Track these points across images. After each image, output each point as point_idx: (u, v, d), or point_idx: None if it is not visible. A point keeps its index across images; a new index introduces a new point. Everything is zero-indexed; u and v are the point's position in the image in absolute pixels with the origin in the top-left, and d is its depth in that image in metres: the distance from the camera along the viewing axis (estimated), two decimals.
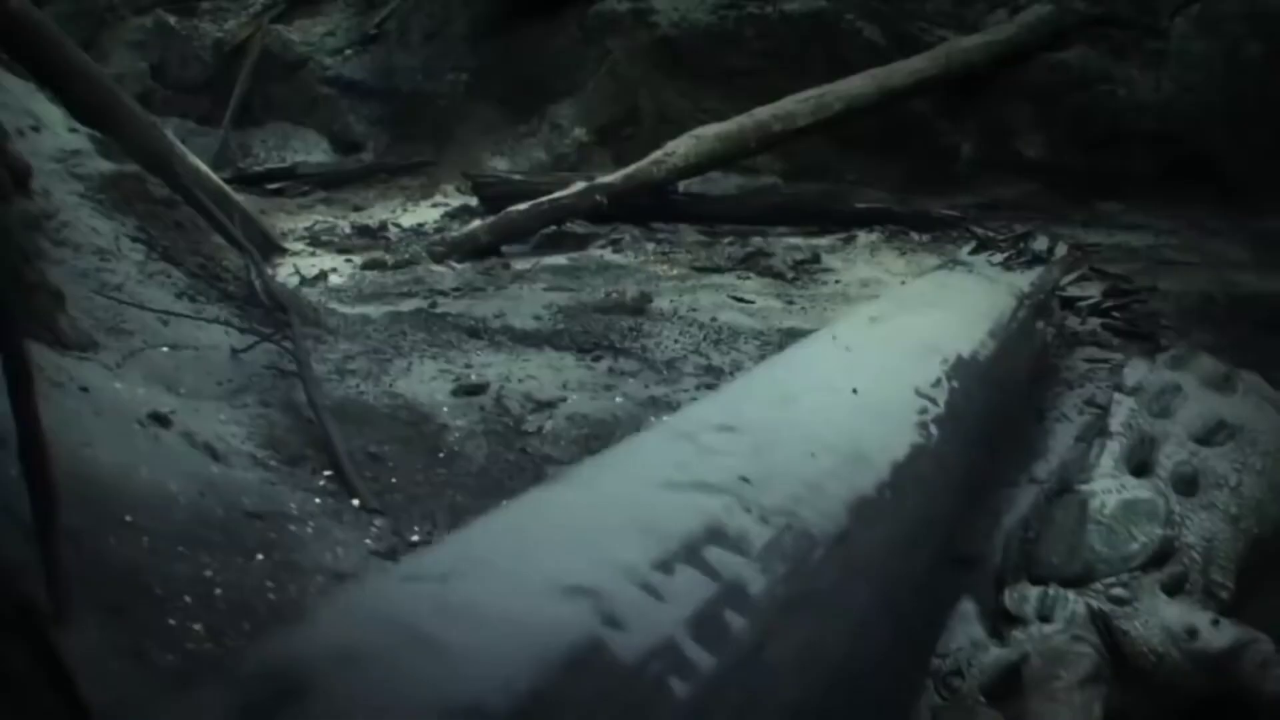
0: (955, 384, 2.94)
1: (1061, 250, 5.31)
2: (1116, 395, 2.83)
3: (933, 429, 2.64)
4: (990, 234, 6.09)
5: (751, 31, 8.21)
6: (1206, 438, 2.69)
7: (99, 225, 4.56)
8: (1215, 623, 2.43)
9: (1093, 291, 6.11)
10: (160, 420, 3.45)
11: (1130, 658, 2.44)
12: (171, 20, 8.69)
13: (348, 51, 8.78)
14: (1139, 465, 2.65)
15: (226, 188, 5.59)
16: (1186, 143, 8.14)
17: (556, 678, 1.35)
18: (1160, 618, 2.45)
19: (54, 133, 4.85)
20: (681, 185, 7.62)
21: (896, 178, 8.13)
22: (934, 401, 2.75)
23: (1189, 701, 2.48)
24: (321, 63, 8.76)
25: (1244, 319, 5.79)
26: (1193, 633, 2.42)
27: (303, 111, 8.76)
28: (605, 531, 1.75)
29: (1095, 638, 2.44)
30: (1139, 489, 2.61)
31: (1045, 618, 2.43)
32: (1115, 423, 2.77)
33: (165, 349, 4.14)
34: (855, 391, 2.58)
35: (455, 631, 1.38)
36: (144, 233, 4.62)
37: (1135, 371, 2.97)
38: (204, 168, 5.54)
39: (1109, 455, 2.71)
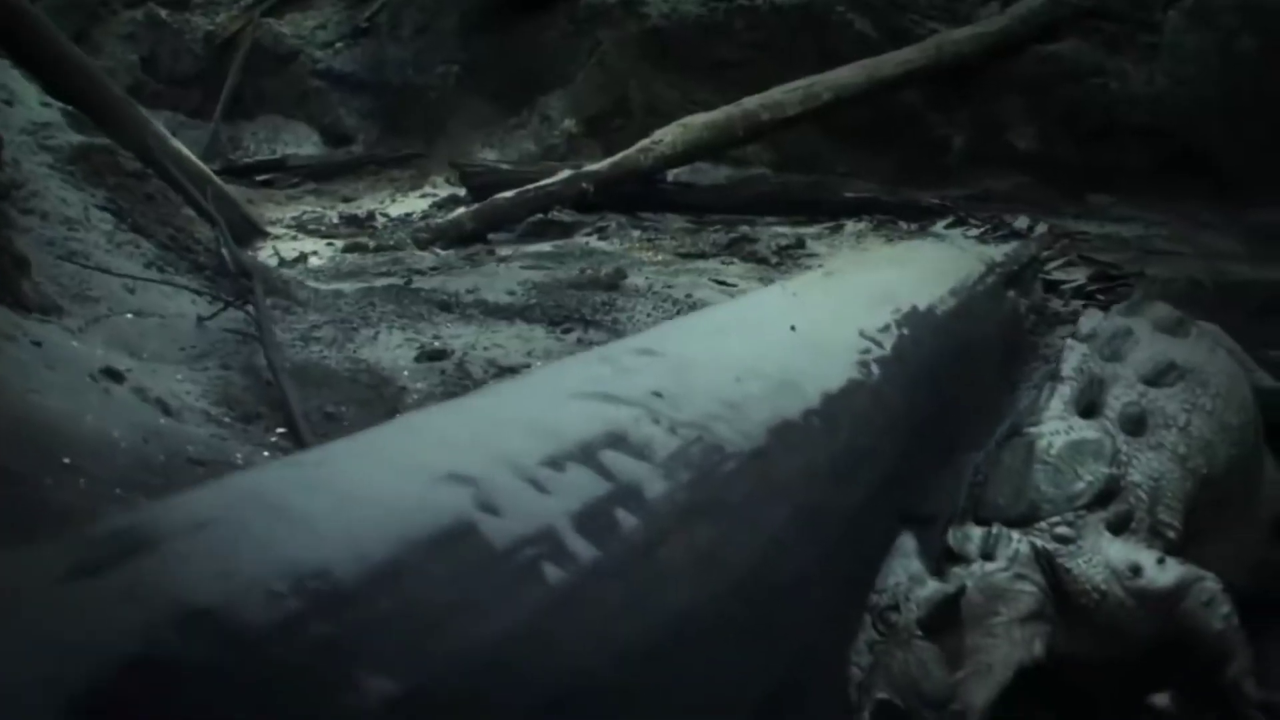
0: (905, 331, 2.90)
1: (1041, 229, 5.28)
2: (1069, 342, 2.79)
3: (874, 368, 2.60)
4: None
5: (741, 23, 8.20)
6: (1156, 379, 2.64)
7: (68, 196, 4.56)
8: (1160, 561, 2.38)
9: (1078, 276, 6.07)
10: (113, 375, 3.43)
11: (1073, 596, 2.38)
12: (163, 13, 8.71)
13: (339, 44, 8.79)
14: (1087, 407, 2.61)
15: (201, 165, 5.59)
16: (1179, 136, 8.09)
17: (417, 552, 1.33)
18: (1104, 556, 2.40)
19: (26, 106, 4.86)
20: (670, 175, 7.60)
21: (887, 170, 8.10)
22: (879, 344, 2.71)
23: (1134, 643, 2.43)
24: (312, 56, 8.77)
25: (1234, 305, 5.74)
26: (1137, 570, 2.37)
27: (293, 104, 8.77)
28: (499, 432, 1.73)
29: (1039, 576, 2.39)
30: (1086, 430, 2.56)
31: (988, 556, 2.38)
32: (1067, 368, 2.72)
33: (130, 316, 4.13)
34: (793, 328, 2.55)
35: (317, 505, 1.36)
36: (113, 204, 4.62)
37: (1090, 320, 2.92)
38: (178, 144, 5.54)
39: (1058, 399, 2.65)
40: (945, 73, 8.06)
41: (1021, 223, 5.18)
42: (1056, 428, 2.57)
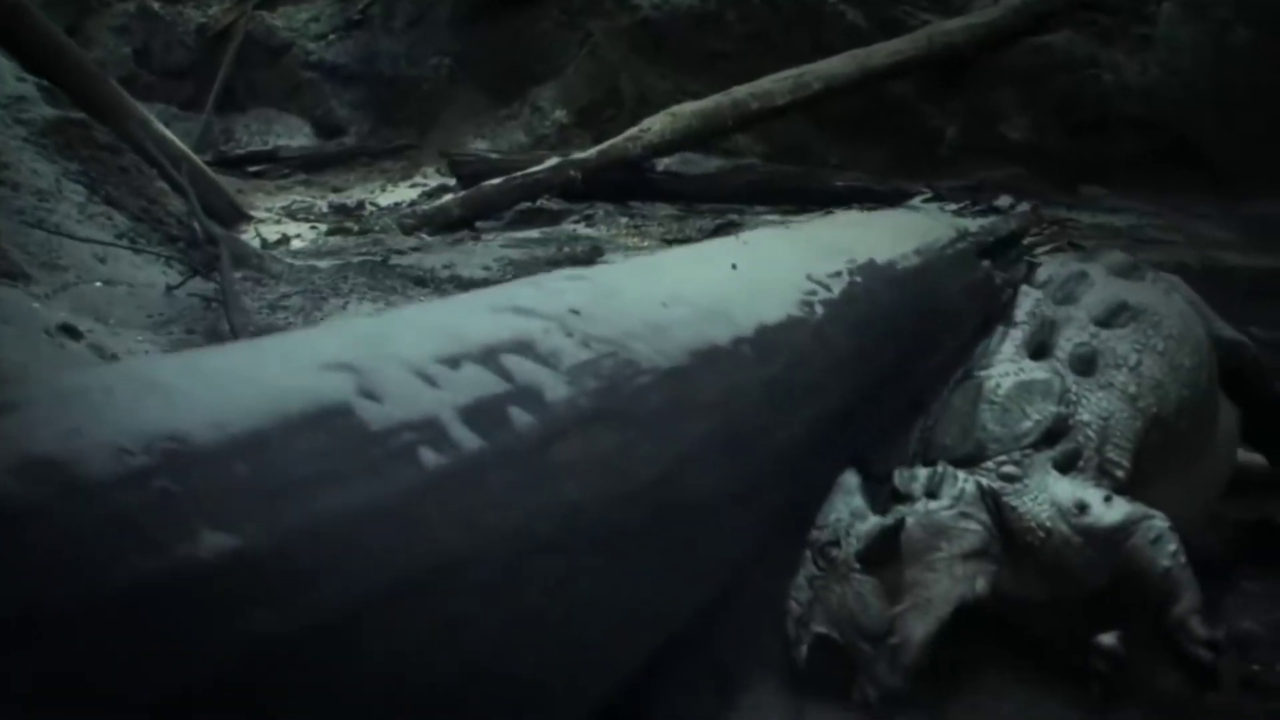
0: (858, 279, 2.84)
1: (1023, 207, 5.22)
2: (1024, 288, 2.75)
3: (819, 308, 2.55)
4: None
5: (734, 15, 8.18)
6: (1107, 319, 2.60)
7: (40, 168, 4.56)
8: (1108, 499, 2.33)
9: None
10: (70, 332, 3.40)
11: (1018, 534, 2.34)
12: (155, 6, 8.73)
13: (331, 37, 8.80)
14: (1038, 348, 2.57)
15: (180, 143, 5.58)
16: (1173, 127, 8.05)
17: (282, 426, 1.30)
18: (1050, 494, 2.35)
19: (2, 81, 4.86)
20: (661, 165, 7.57)
21: (879, 161, 8.06)
22: (827, 288, 2.66)
23: (1081, 581, 2.38)
24: (305, 48, 8.78)
25: (1221, 287, 5.71)
26: (1083, 508, 2.32)
27: (286, 97, 8.77)
28: (400, 334, 1.70)
29: (984, 515, 2.34)
30: (1036, 370, 2.52)
31: (933, 495, 2.34)
32: (1020, 313, 2.68)
33: (99, 284, 4.12)
34: (734, 267, 2.50)
35: (191, 383, 1.34)
36: (86, 176, 4.61)
37: (1047, 268, 2.88)
38: (154, 120, 5.53)
39: (1010, 342, 2.62)
40: (937, 63, 8.03)
41: (1004, 202, 5.12)
42: (1006, 369, 2.54)
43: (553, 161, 7.08)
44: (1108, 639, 2.25)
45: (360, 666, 1.20)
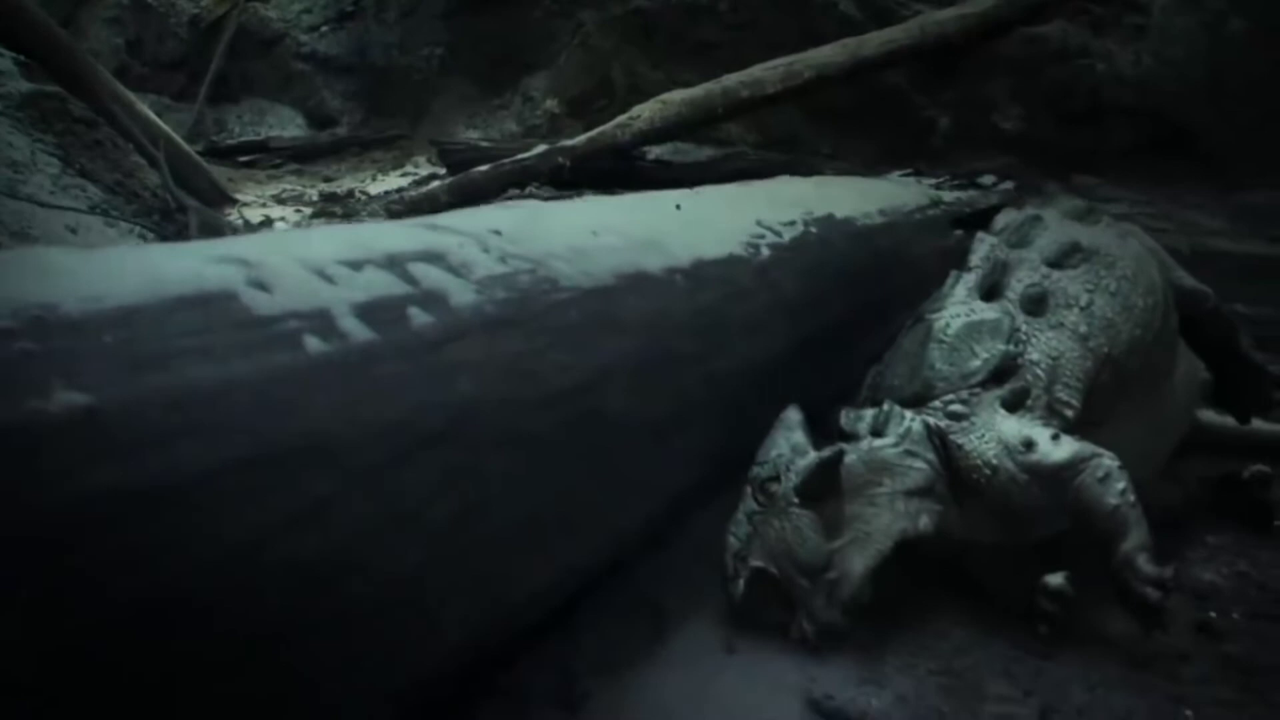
0: (813, 230, 2.82)
1: (1006, 185, 5.19)
2: (979, 234, 2.71)
3: (765, 250, 2.52)
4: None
5: (726, 5, 8.14)
6: (1059, 260, 2.56)
7: (15, 140, 4.54)
8: (1055, 437, 2.29)
9: None
10: None
11: (964, 472, 2.30)
12: None
13: (324, 28, 8.79)
14: (990, 290, 2.53)
15: (155, 118, 5.56)
16: (1166, 117, 7.99)
17: (159, 305, 1.29)
18: (997, 432, 2.31)
19: None
20: (652, 154, 7.52)
21: (871, 151, 8.01)
22: (777, 234, 2.63)
23: (1029, 524, 2.33)
24: (297, 39, 8.77)
25: (1210, 267, 5.68)
26: (1029, 445, 2.28)
27: (278, 87, 8.76)
28: (308, 240, 1.69)
29: (931, 454, 2.31)
30: (986, 311, 2.48)
31: (878, 433, 2.31)
32: (975, 258, 2.64)
33: None
34: (678, 207, 2.48)
35: (79, 266, 1.35)
36: (60, 149, 4.59)
37: (1004, 216, 2.84)
38: (130, 96, 5.51)
39: (963, 286, 2.58)
40: (929, 53, 7.97)
41: (987, 179, 5.10)
42: (957, 311, 2.51)
43: (541, 149, 7.04)
44: (1055, 579, 2.20)
45: (213, 531, 1.17)
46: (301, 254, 1.54)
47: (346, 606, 1.31)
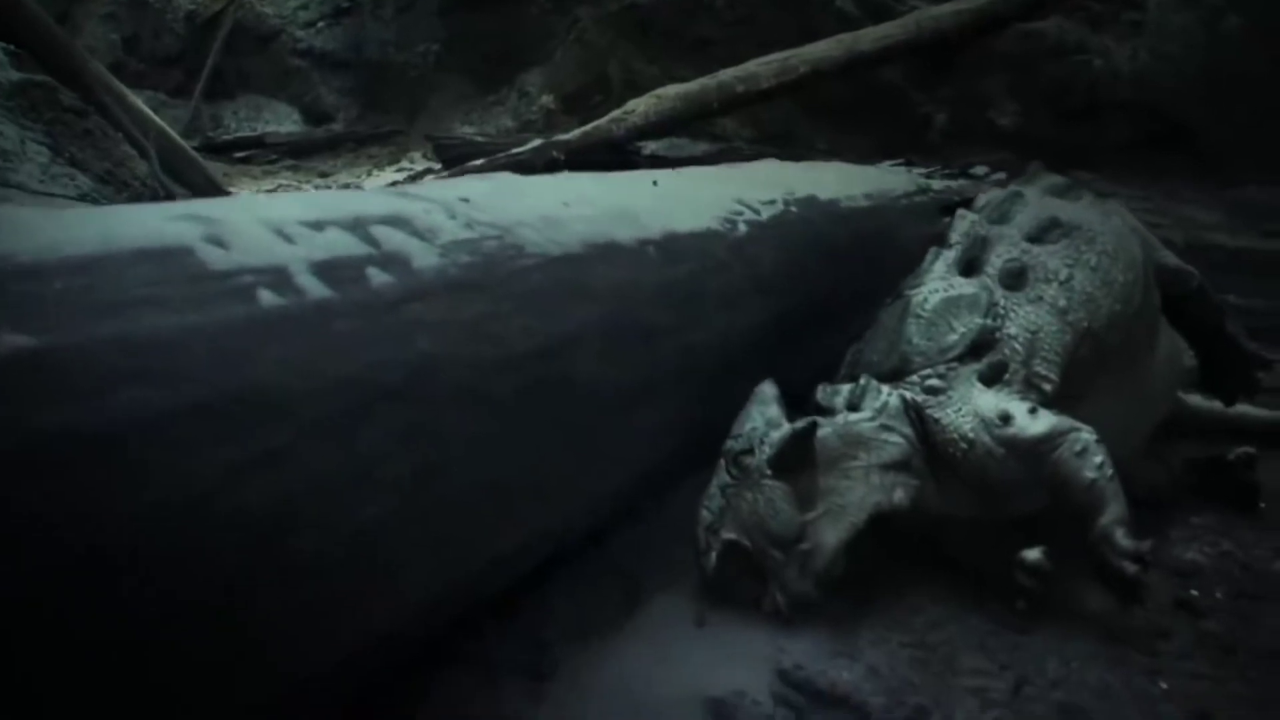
0: (793, 209, 2.81)
1: (999, 176, 5.17)
2: (960, 211, 2.69)
3: (742, 226, 2.51)
4: None
5: (723, 1, 8.14)
6: (1039, 235, 2.55)
7: (5, 129, 4.53)
8: (1033, 411, 2.27)
9: None
10: None
11: (941, 446, 2.28)
12: None
13: (320, 24, 8.79)
14: (969, 265, 2.51)
15: (145, 108, 5.55)
16: (1163, 113, 7.97)
17: (112, 256, 1.30)
18: (974, 405, 2.30)
19: None
20: (648, 149, 7.52)
21: (867, 147, 7.99)
22: (755, 211, 2.62)
23: (1006, 499, 2.31)
24: (294, 35, 8.77)
25: (1203, 260, 5.68)
26: (1006, 419, 2.27)
27: (275, 83, 8.75)
28: (273, 204, 1.68)
29: (907, 429, 2.29)
30: (965, 286, 2.47)
31: (854, 408, 2.30)
32: (955, 234, 2.63)
33: None
34: (655, 183, 2.47)
35: (43, 222, 1.38)
36: (50, 138, 4.58)
37: (986, 195, 2.83)
38: (121, 87, 5.50)
39: (942, 262, 2.57)
40: (925, 49, 7.96)
41: (979, 170, 5.08)
42: (936, 286, 2.50)
43: (535, 143, 7.03)
44: (1032, 554, 2.19)
45: (163, 478, 1.16)
46: (263, 214, 1.53)
47: (299, 559, 1.30)
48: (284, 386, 1.31)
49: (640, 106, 7.16)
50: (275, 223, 1.51)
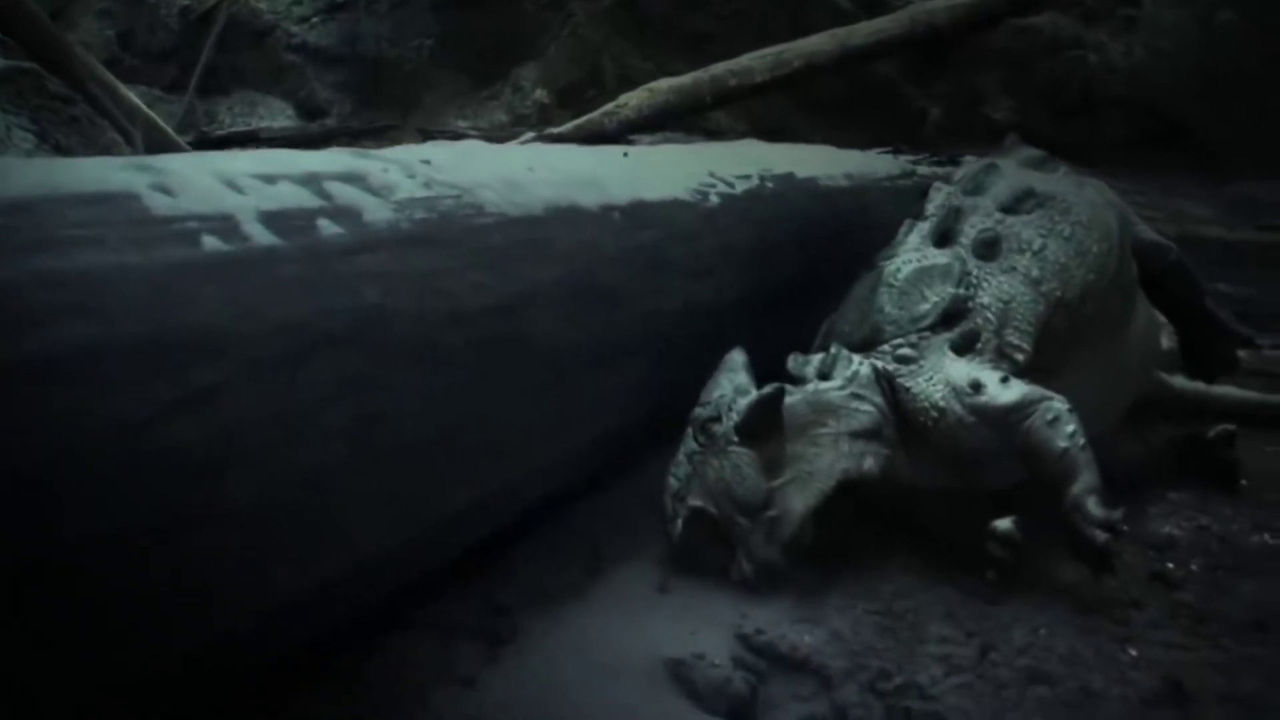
0: (769, 185, 2.79)
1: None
2: (936, 184, 2.68)
3: (714, 198, 2.50)
4: None
5: None
6: (1013, 206, 2.53)
7: None
8: (1004, 380, 2.26)
9: None
10: None
11: (911, 415, 2.27)
12: None
13: (314, 19, 8.77)
14: (943, 236, 2.50)
15: (133, 97, 5.53)
16: (1158, 110, 7.96)
17: (53, 199, 1.30)
18: (945, 374, 2.28)
19: None
20: (641, 144, 7.49)
21: (862, 142, 7.94)
22: (729, 185, 2.61)
23: (977, 469, 2.30)
24: (288, 30, 8.75)
25: (1196, 252, 5.68)
26: (977, 387, 2.25)
27: (269, 79, 8.73)
28: (230, 159, 1.67)
29: (878, 398, 2.28)
30: (938, 256, 2.45)
31: (824, 377, 2.28)
32: (930, 206, 2.62)
33: None
34: (625, 154, 2.46)
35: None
36: (36, 125, 4.57)
37: (962, 169, 2.82)
38: (107, 73, 5.48)
39: (917, 233, 2.56)
40: (918, 43, 7.93)
41: (969, 159, 5.05)
42: (909, 257, 2.49)
43: (528, 136, 7.01)
44: (1004, 523, 2.17)
45: (93, 410, 1.15)
46: (217, 168, 1.53)
47: (236, 500, 1.28)
48: (223, 327, 1.29)
49: (633, 100, 7.14)
50: (227, 175, 1.50)
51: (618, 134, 7.08)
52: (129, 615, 1.20)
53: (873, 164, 3.66)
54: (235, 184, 1.49)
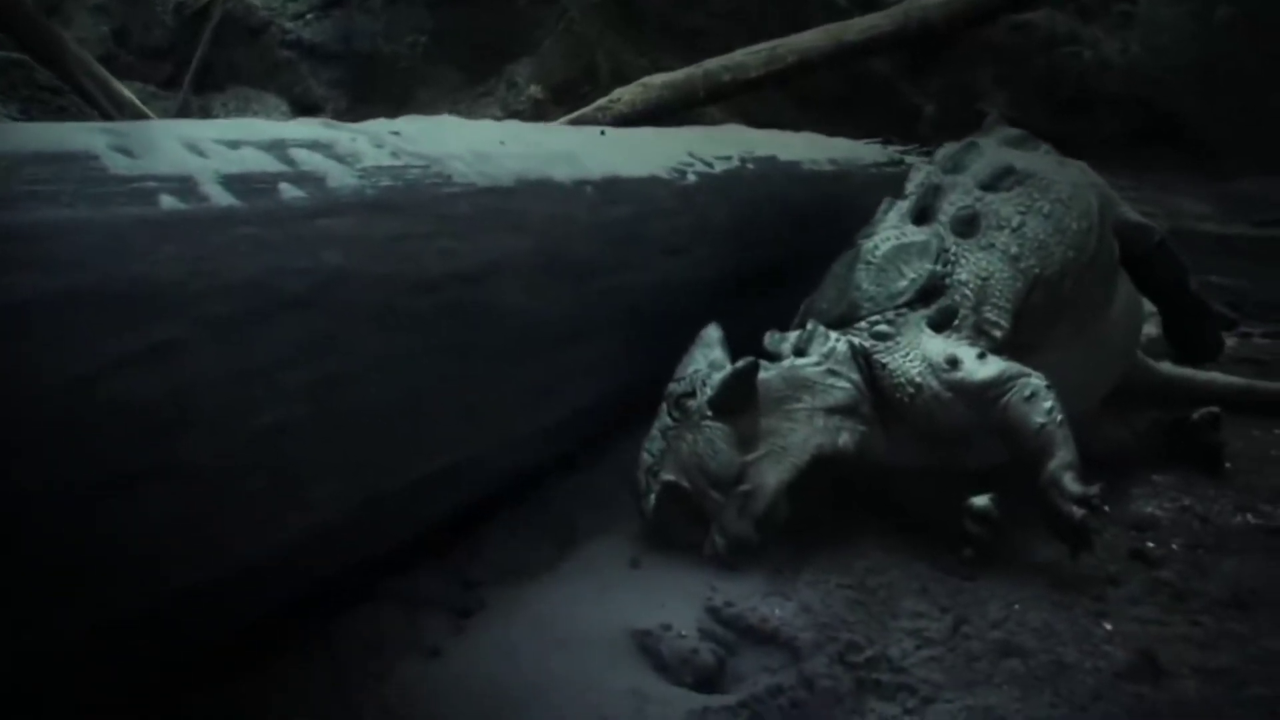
0: (749, 166, 2.79)
1: None
2: (916, 163, 2.67)
3: (691, 176, 2.49)
4: None
5: None
6: (993, 183, 2.52)
7: None
8: (981, 356, 2.25)
9: None
10: None
11: (888, 391, 2.26)
12: None
13: (309, 16, 8.77)
14: (922, 213, 2.49)
15: (123, 89, 5.53)
16: (1154, 105, 7.95)
17: (10, 157, 1.28)
18: (922, 350, 2.27)
19: None
20: None
21: (857, 138, 7.97)
22: (708, 165, 2.60)
23: (956, 446, 2.28)
24: (283, 27, 8.75)
25: (1190, 245, 5.68)
26: (954, 363, 2.24)
27: (264, 76, 8.73)
28: (196, 126, 1.67)
29: (855, 375, 2.26)
30: (916, 234, 2.44)
31: (800, 353, 2.27)
32: (910, 185, 2.61)
33: None
34: (602, 133, 2.45)
35: None
36: (26, 115, 4.57)
37: (943, 149, 2.81)
38: (95, 63, 5.48)
39: (895, 211, 2.55)
40: (913, 39, 7.91)
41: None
42: (888, 235, 2.48)
43: None
44: (980, 500, 2.16)
45: (45, 360, 1.14)
46: (182, 133, 1.52)
47: (190, 458, 1.27)
48: (178, 283, 1.29)
49: (626, 95, 7.11)
50: (191, 140, 1.50)
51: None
52: (76, 568, 1.19)
53: (859, 151, 3.66)
54: (198, 148, 1.48)
